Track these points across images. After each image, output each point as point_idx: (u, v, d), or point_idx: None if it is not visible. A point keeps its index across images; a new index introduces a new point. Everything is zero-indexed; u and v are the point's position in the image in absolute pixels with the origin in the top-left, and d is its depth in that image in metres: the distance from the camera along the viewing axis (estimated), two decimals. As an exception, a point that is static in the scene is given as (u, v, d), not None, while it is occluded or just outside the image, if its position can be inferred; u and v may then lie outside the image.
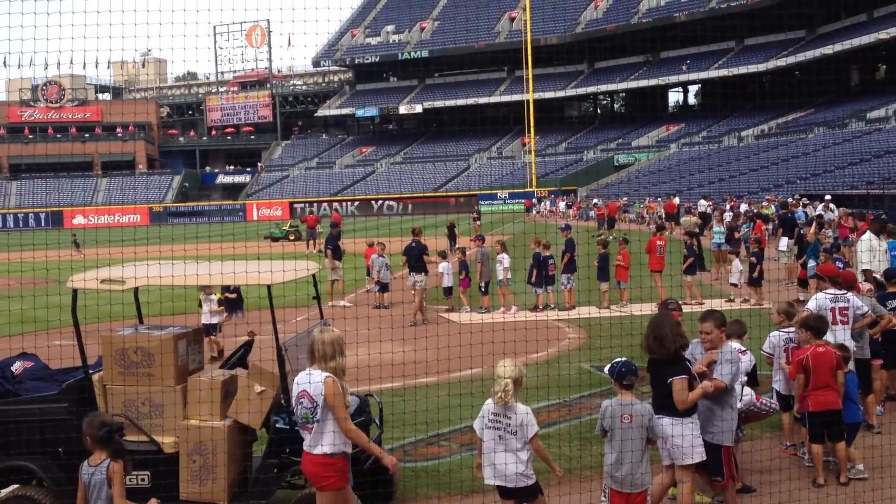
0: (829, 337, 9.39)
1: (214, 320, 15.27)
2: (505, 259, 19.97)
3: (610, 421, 6.65)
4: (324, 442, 6.29)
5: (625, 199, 57.75)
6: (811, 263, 20.07)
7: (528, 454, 6.53)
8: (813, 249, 19.73)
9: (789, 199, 33.98)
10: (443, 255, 20.78)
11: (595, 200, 55.70)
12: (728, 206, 38.58)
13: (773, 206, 36.83)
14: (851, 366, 8.99)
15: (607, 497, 6.88)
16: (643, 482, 6.62)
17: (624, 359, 6.98)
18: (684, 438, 6.93)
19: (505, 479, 6.51)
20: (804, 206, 34.29)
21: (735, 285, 20.48)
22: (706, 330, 7.33)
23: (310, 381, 6.31)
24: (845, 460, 8.51)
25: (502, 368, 6.56)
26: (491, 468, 6.56)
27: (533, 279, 19.91)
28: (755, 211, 35.41)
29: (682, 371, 6.91)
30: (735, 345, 8.05)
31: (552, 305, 19.95)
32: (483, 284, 20.21)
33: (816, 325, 8.70)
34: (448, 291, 20.71)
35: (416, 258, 20.17)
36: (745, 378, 8.29)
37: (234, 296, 16.89)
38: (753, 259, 19.61)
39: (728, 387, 7.23)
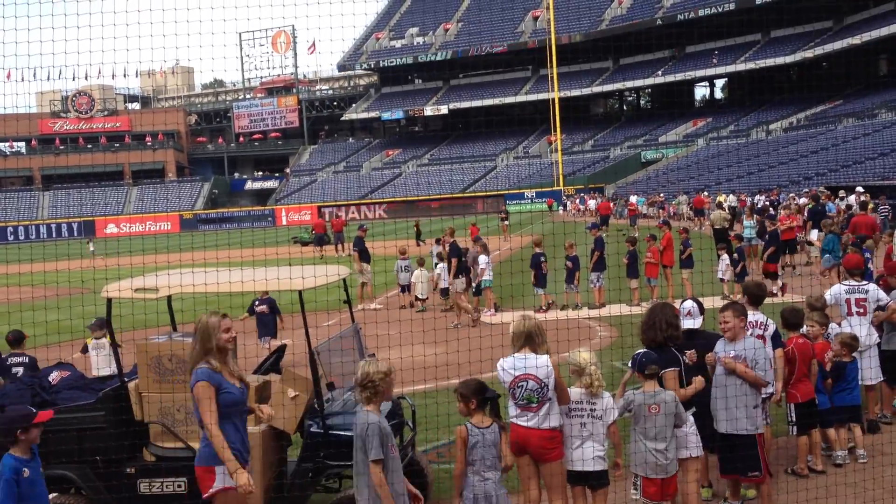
0: (844, 326, 9.44)
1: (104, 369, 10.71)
2: (482, 260, 20.16)
3: (637, 409, 6.82)
4: (551, 418, 6.65)
5: (661, 195, 57.35)
6: (825, 256, 20.09)
7: (606, 439, 6.76)
8: (829, 242, 19.69)
9: (819, 191, 33.69)
10: (439, 257, 20.92)
11: (633, 198, 55.27)
12: (766, 200, 38.26)
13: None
14: (856, 355, 9.10)
15: (639, 486, 6.95)
16: (674, 468, 6.84)
17: (644, 350, 7.12)
18: (686, 434, 7.03)
19: (583, 462, 6.68)
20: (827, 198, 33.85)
21: (722, 280, 20.24)
22: (725, 319, 7.38)
23: (536, 364, 6.59)
24: (843, 441, 8.76)
25: (581, 356, 6.77)
26: (569, 453, 6.72)
27: (533, 279, 19.92)
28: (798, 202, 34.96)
29: (671, 363, 7.00)
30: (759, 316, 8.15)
31: (547, 305, 19.84)
32: (474, 286, 20.40)
33: (790, 319, 8.69)
34: (444, 292, 20.91)
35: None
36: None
37: (264, 308, 14.33)
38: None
39: (769, 383, 7.26)
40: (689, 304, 8.05)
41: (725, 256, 20.34)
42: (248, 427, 7.26)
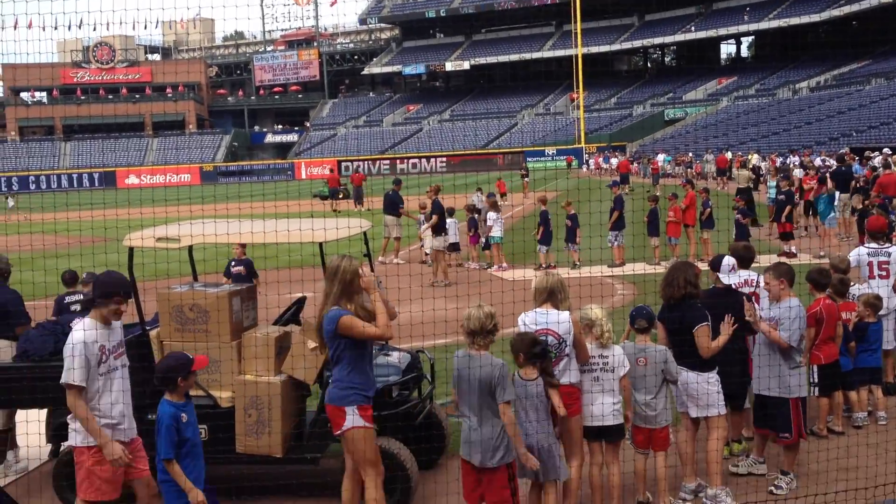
0: (864, 289, 9.47)
1: None
2: (490, 216, 20.41)
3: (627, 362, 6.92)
4: (570, 374, 6.68)
5: (690, 153, 56.77)
6: (831, 215, 20.07)
7: (619, 392, 6.81)
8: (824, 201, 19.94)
9: (844, 152, 33.20)
10: (450, 213, 20.93)
11: (660, 156, 54.75)
12: (799, 161, 37.78)
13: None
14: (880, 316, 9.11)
15: (630, 433, 7.07)
16: (665, 419, 6.97)
17: (640, 305, 7.24)
18: (699, 388, 7.07)
19: (602, 418, 6.74)
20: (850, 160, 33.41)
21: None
22: (766, 281, 7.52)
23: (558, 320, 6.62)
24: (864, 403, 8.83)
25: (593, 311, 6.84)
26: (586, 409, 6.76)
27: (539, 236, 19.87)
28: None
29: (701, 318, 7.00)
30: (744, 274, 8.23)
31: (553, 264, 19.66)
32: (484, 240, 20.82)
33: (818, 279, 8.58)
34: (454, 247, 20.96)
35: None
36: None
37: (241, 269, 13.06)
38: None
39: (791, 345, 7.23)
40: (730, 260, 7.97)
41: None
42: (269, 377, 7.31)
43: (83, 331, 5.96)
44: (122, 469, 5.95)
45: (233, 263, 13.56)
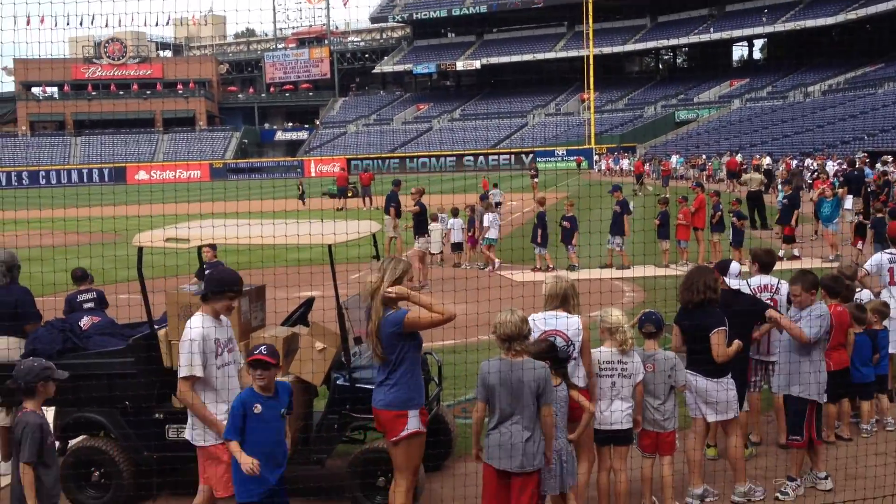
0: (884, 296, 9.48)
1: None
2: (486, 218, 20.51)
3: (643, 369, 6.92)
4: (579, 380, 6.65)
5: (703, 155, 56.56)
6: (836, 220, 20.10)
7: (632, 398, 6.81)
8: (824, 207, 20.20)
9: (857, 157, 33.13)
10: (454, 213, 21.33)
11: (673, 158, 54.56)
12: (814, 164, 37.70)
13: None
14: (886, 323, 9.05)
15: (636, 436, 7.04)
16: (673, 423, 6.98)
17: (648, 310, 7.21)
18: (719, 394, 7.06)
19: (612, 423, 6.74)
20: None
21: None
22: (794, 293, 7.47)
23: (568, 323, 6.64)
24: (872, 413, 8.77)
25: (614, 316, 6.79)
26: (598, 415, 6.75)
27: (538, 239, 19.87)
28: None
29: (718, 323, 6.97)
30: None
31: (550, 266, 19.76)
32: (482, 242, 20.90)
33: (832, 286, 8.52)
34: (456, 247, 21.32)
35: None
36: None
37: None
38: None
39: (811, 340, 7.23)
40: (736, 265, 8.12)
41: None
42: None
43: (200, 325, 6.05)
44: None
45: (206, 268, 13.15)
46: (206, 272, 6.68)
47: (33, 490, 5.59)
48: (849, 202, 22.93)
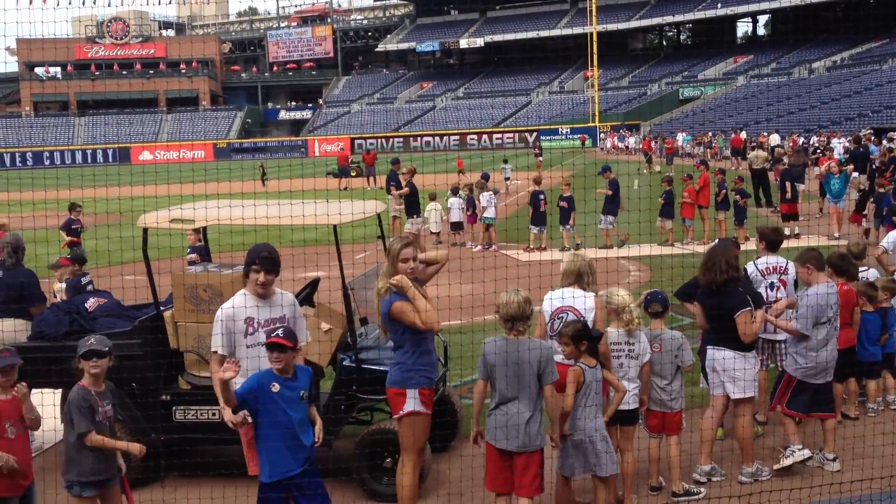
0: (876, 273, 9.50)
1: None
2: (483, 197, 20.59)
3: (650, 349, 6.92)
4: None
5: (710, 133, 56.33)
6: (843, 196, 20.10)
7: (639, 378, 6.80)
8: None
9: (862, 133, 32.97)
10: (454, 192, 21.41)
11: (679, 136, 54.32)
12: (817, 141, 37.55)
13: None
14: (894, 302, 9.04)
15: (642, 417, 7.04)
16: (680, 403, 6.99)
17: (654, 290, 7.22)
18: (746, 372, 7.04)
19: (621, 403, 6.70)
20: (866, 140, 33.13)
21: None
22: (798, 271, 7.56)
23: (585, 300, 6.71)
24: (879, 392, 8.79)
25: (620, 297, 6.78)
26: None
27: (531, 218, 19.93)
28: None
29: (743, 304, 6.93)
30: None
31: (544, 245, 19.85)
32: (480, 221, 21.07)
33: (839, 264, 8.48)
34: (457, 226, 21.37)
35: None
36: None
37: (194, 256, 11.80)
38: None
39: (807, 333, 7.24)
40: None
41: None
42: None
43: (232, 305, 6.12)
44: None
45: (189, 250, 12.74)
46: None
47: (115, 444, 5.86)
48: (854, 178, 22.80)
